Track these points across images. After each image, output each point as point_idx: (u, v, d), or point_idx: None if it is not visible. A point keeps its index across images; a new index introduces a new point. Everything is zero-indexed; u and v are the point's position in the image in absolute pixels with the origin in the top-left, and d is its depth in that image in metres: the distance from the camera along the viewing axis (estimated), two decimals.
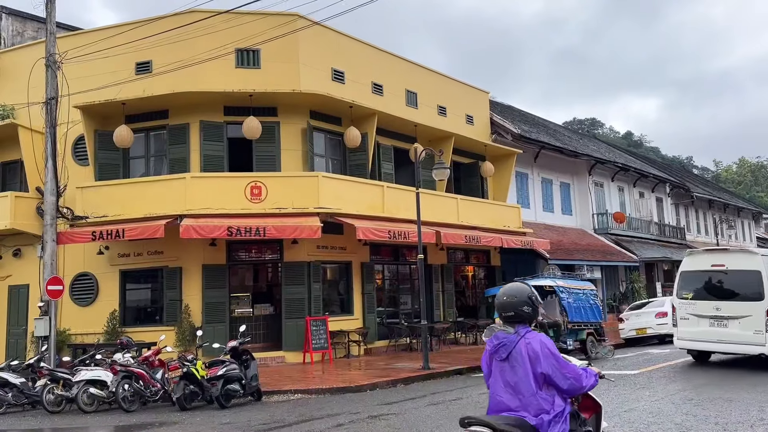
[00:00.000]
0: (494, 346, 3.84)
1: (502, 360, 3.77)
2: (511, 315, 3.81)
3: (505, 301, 3.84)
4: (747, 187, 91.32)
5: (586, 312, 15.87)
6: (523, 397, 3.62)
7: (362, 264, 18.44)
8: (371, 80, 19.60)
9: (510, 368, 3.71)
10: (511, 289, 3.90)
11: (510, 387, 3.70)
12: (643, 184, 35.68)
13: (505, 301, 3.83)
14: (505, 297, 3.85)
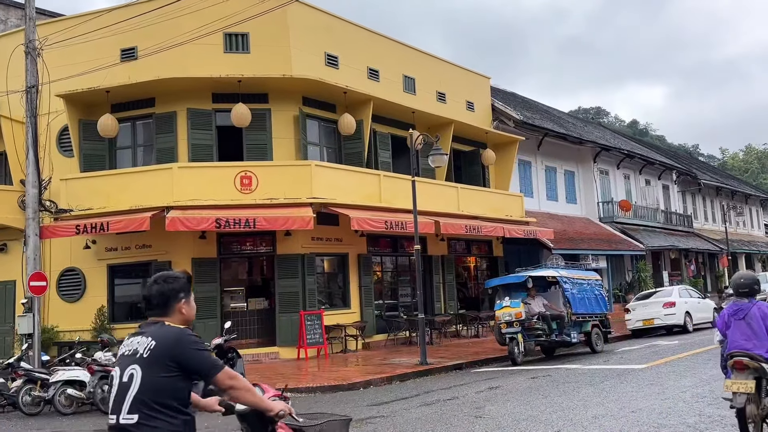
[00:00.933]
0: (734, 310, 5.56)
1: (740, 319, 5.47)
2: (746, 291, 5.59)
3: (741, 282, 5.65)
4: (754, 175, 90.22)
5: (591, 303, 15.22)
6: (757, 341, 5.33)
7: (359, 256, 17.84)
8: (367, 65, 18.91)
9: (746, 324, 5.41)
10: (745, 275, 5.85)
11: (746, 336, 5.37)
12: (649, 172, 34.90)
13: (742, 282, 5.64)
14: (742, 279, 5.69)
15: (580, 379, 10.17)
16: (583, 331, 14.97)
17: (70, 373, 10.61)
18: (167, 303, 2.92)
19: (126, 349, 2.86)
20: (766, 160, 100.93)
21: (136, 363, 2.75)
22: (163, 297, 2.92)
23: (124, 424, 2.68)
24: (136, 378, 2.72)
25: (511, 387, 9.73)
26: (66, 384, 10.42)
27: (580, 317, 14.72)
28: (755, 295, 5.67)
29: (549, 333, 13.98)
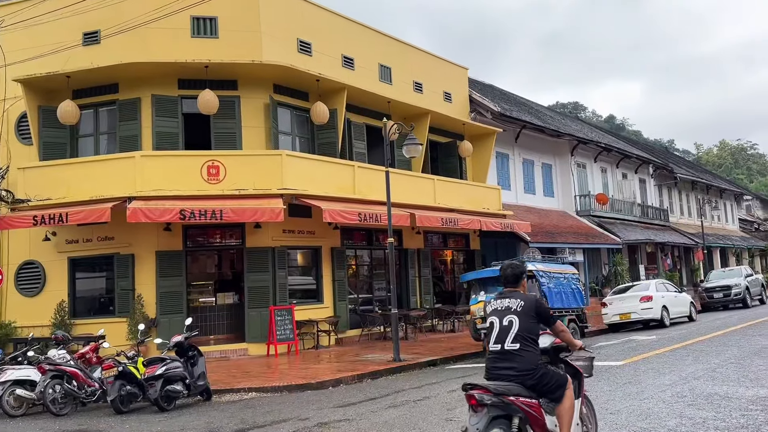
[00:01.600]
0: None
1: None
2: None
3: None
4: (727, 170, 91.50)
5: (568, 297, 14.93)
6: None
7: (333, 249, 17.35)
8: (341, 53, 18.37)
9: None
10: None
11: None
12: (626, 165, 34.89)
13: None
14: None
15: None
16: None
17: (20, 372, 9.98)
18: (518, 280, 4.84)
19: (497, 306, 4.70)
20: (739, 155, 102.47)
21: (512, 314, 4.56)
22: (516, 276, 4.84)
23: (509, 350, 4.48)
24: (514, 323, 4.52)
25: None
26: (15, 384, 9.80)
27: (556, 312, 14.39)
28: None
29: None
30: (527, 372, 4.42)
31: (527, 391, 4.39)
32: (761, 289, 27.64)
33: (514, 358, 4.46)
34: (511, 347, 4.47)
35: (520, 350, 4.46)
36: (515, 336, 4.47)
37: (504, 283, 4.88)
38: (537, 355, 4.56)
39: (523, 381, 4.40)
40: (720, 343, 13.04)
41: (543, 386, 4.47)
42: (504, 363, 4.49)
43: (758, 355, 10.75)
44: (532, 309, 4.60)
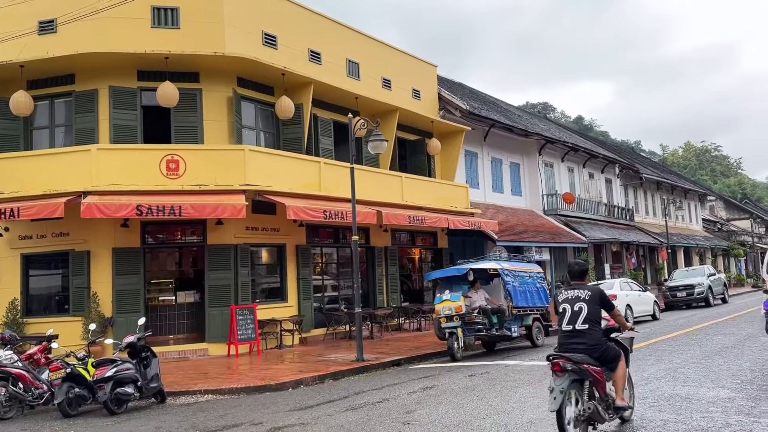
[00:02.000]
0: None
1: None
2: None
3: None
4: (692, 171, 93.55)
5: (532, 296, 14.91)
6: None
7: (298, 247, 17.04)
8: (308, 47, 18.04)
9: None
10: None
11: None
12: (592, 165, 35.25)
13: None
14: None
15: (519, 377, 9.74)
16: (524, 324, 14.65)
17: None
18: (583, 275, 6.19)
19: (568, 296, 5.93)
20: (703, 157, 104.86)
21: (582, 302, 5.79)
22: (582, 272, 6.19)
23: (580, 329, 5.72)
24: (583, 309, 5.75)
25: (447, 387, 9.19)
26: None
27: (521, 311, 14.38)
28: None
29: (489, 327, 13.58)
30: (594, 346, 5.75)
31: (594, 361, 5.70)
32: (723, 288, 28.19)
33: (584, 335, 5.78)
34: (582, 327, 5.81)
35: (588, 330, 5.79)
36: (585, 319, 5.81)
37: (571, 278, 6.33)
38: (601, 334, 5.93)
39: (590, 353, 5.70)
40: (682, 343, 13.14)
41: (605, 357, 5.80)
42: (575, 339, 5.79)
43: (719, 354, 10.83)
44: (597, 298, 5.92)
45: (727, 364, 9.79)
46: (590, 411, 5.61)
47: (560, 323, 5.96)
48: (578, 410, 5.56)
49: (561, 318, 5.97)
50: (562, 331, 5.94)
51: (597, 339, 5.79)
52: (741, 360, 10.14)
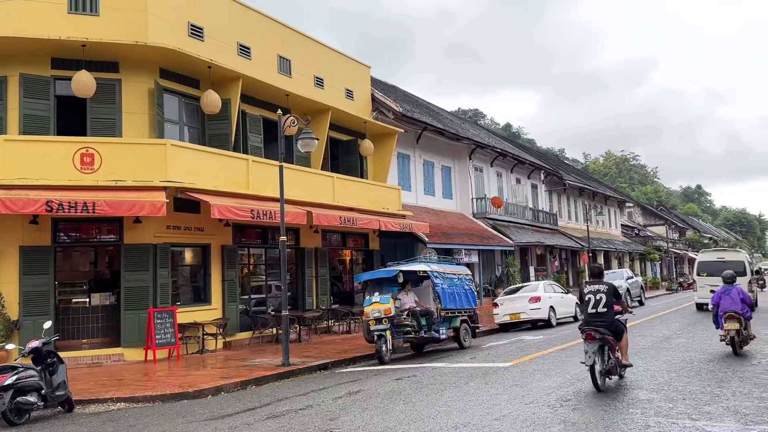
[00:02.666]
0: (723, 290, 10.84)
1: (727, 295, 10.72)
2: (731, 281, 10.93)
3: (728, 276, 10.99)
4: (612, 178, 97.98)
5: (461, 298, 14.98)
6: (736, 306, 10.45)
7: (223, 247, 16.43)
8: (237, 41, 17.47)
9: (730, 298, 10.61)
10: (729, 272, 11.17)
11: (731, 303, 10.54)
12: (519, 171, 36.14)
13: (728, 276, 10.99)
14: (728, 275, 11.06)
15: (446, 380, 9.67)
16: (452, 326, 14.69)
17: None
18: (601, 274, 8.96)
19: (591, 289, 8.55)
20: (622, 165, 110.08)
21: (602, 293, 8.40)
22: (600, 273, 9.01)
23: (600, 312, 8.35)
24: (603, 298, 8.37)
25: (373, 391, 8.99)
26: None
27: (449, 312, 14.41)
28: (735, 282, 11.15)
29: (418, 329, 13.51)
30: (610, 323, 8.41)
31: (610, 333, 8.26)
32: (641, 291, 29.48)
33: (604, 316, 8.44)
34: (602, 310, 8.48)
35: (607, 312, 8.48)
36: (604, 304, 8.48)
37: (591, 276, 9.16)
38: (614, 315, 8.60)
39: (608, 327, 8.29)
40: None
41: (616, 331, 8.44)
42: (598, 319, 8.42)
43: (638, 356, 11.15)
44: (612, 291, 8.60)
45: (645, 365, 10.09)
46: (612, 365, 8.26)
47: (586, 308, 8.64)
48: (605, 364, 8.15)
49: (587, 304, 8.61)
50: (588, 313, 8.59)
51: (612, 318, 8.48)
52: (658, 361, 10.49)
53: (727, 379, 8.46)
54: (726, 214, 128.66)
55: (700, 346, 12.18)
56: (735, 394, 7.42)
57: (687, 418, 6.34)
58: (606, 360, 8.13)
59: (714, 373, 8.95)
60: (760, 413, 6.39)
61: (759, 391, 7.48)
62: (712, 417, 6.33)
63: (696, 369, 9.48)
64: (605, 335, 8.16)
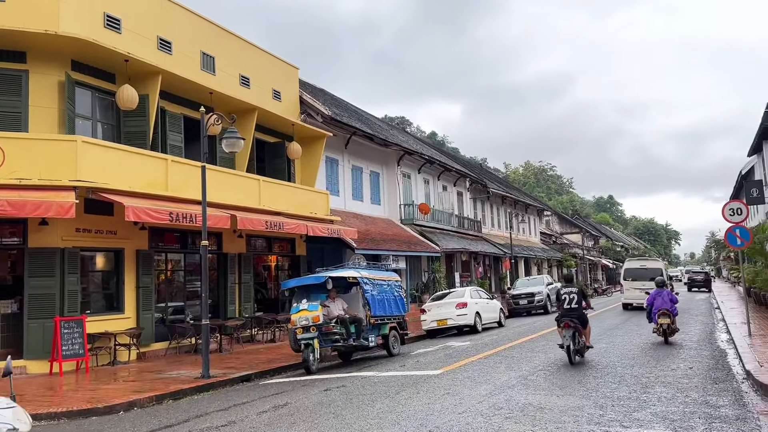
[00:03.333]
0: (657, 292, 13.83)
1: (659, 296, 13.66)
2: (662, 284, 14.14)
3: (659, 280, 14.39)
4: (531, 188, 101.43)
5: (390, 305, 14.77)
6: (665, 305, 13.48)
7: (138, 252, 15.48)
8: (157, 35, 16.59)
9: (662, 298, 13.55)
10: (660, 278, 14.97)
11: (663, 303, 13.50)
12: (446, 178, 36.56)
13: (660, 280, 14.38)
14: (659, 279, 14.77)
15: (376, 389, 9.38)
16: (381, 333, 14.45)
17: None
18: (572, 280, 13.61)
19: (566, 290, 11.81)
20: (540, 175, 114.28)
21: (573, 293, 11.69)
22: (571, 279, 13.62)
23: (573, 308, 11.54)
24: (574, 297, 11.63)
25: (300, 404, 8.57)
26: None
27: (379, 319, 14.16)
28: (665, 286, 14.05)
29: (347, 337, 13.16)
30: (580, 315, 11.22)
31: (579, 323, 11.03)
32: None
33: (575, 311, 11.32)
34: (574, 306, 11.40)
35: (577, 308, 11.36)
36: (575, 302, 11.43)
37: (566, 281, 12.64)
38: (581, 310, 11.41)
39: (578, 318, 11.12)
40: (528, 349, 13.66)
41: (583, 321, 11.19)
42: (571, 312, 11.27)
43: (563, 361, 11.29)
44: (580, 292, 11.61)
45: (571, 371, 10.20)
46: (581, 345, 11.19)
47: (562, 304, 11.64)
48: (576, 345, 11.04)
49: (563, 302, 11.63)
50: (563, 308, 11.55)
51: (580, 312, 11.40)
52: (583, 366, 10.64)
53: (651, 384, 8.64)
54: (636, 223, 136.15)
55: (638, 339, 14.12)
56: (660, 399, 7.55)
57: (618, 425, 6.35)
58: (576, 342, 11.04)
59: (638, 378, 9.14)
60: (686, 418, 6.49)
61: (682, 396, 7.65)
62: (642, 424, 6.37)
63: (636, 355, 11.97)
64: (576, 324, 11.10)
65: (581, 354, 11.28)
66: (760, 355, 10.15)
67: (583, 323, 11.24)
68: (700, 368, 9.85)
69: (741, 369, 9.54)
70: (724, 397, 7.47)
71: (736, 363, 10.27)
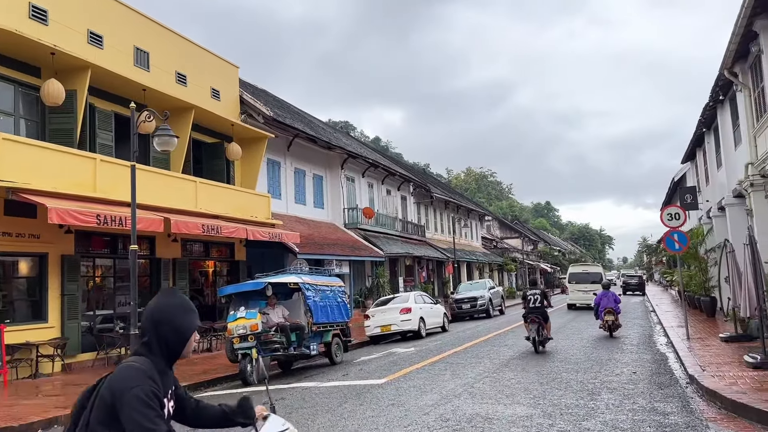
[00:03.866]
0: (603, 293, 16.44)
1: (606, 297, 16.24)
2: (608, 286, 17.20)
3: (605, 283, 17.73)
4: (472, 193, 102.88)
5: (333, 311, 14.33)
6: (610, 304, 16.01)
7: (64, 257, 14.50)
8: (87, 28, 15.64)
9: (607, 298, 16.18)
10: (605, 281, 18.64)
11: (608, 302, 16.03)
12: (390, 182, 36.41)
13: (606, 283, 17.70)
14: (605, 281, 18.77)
15: (317, 402, 8.95)
16: (323, 341, 14.00)
17: None
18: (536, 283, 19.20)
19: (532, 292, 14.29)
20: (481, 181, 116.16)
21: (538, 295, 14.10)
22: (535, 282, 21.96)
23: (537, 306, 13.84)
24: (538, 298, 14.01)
25: None
26: None
27: (321, 327, 13.70)
28: (609, 287, 16.94)
29: (287, 346, 12.64)
30: (542, 313, 13.51)
31: (542, 318, 13.38)
32: (501, 300, 30.67)
33: (539, 309, 13.60)
34: (538, 305, 13.70)
35: (540, 306, 13.66)
36: (539, 302, 13.70)
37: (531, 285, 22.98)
38: (544, 307, 13.71)
39: (541, 315, 13.46)
40: (473, 355, 13.51)
41: (545, 317, 13.52)
42: (536, 310, 13.56)
43: (507, 367, 11.18)
44: (542, 293, 14.06)
45: (517, 377, 10.07)
46: (544, 337, 13.29)
47: (528, 304, 13.81)
48: (540, 337, 13.15)
49: (529, 302, 13.82)
50: (529, 307, 13.70)
51: (543, 310, 13.44)
52: (528, 372, 10.54)
53: (597, 390, 8.58)
54: (571, 228, 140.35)
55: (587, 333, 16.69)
56: (609, 407, 7.45)
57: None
58: (540, 334, 13.26)
59: (584, 384, 9.07)
60: (637, 427, 6.38)
61: (630, 403, 7.58)
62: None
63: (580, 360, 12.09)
64: (540, 320, 13.34)
65: (543, 344, 13.47)
66: (700, 358, 10.31)
67: (545, 319, 13.57)
68: (644, 373, 9.90)
69: (683, 373, 9.64)
70: (671, 404, 7.45)
71: (678, 367, 10.40)
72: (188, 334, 2.56)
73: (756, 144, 13.88)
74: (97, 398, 2.40)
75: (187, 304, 2.62)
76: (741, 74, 14.34)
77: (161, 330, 2.48)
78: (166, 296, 2.61)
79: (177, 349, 2.54)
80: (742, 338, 12.64)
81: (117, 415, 2.27)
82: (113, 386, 2.32)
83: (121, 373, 2.36)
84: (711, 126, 20.27)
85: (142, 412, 2.22)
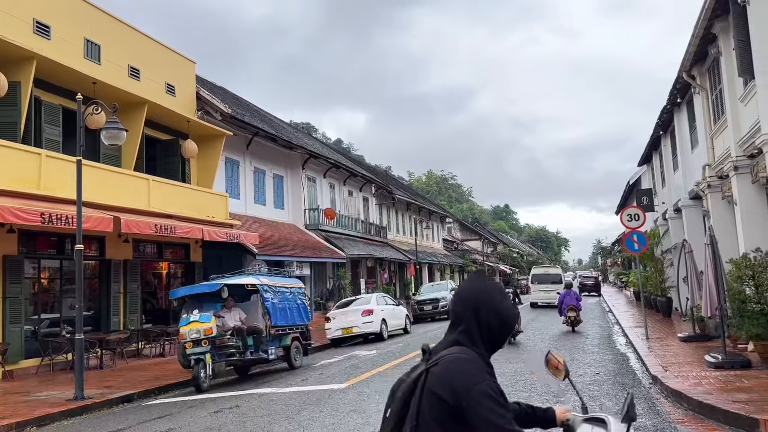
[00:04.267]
0: (566, 292, 18.55)
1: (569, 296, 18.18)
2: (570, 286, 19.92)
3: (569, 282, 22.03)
4: (433, 196, 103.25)
5: (293, 314, 13.90)
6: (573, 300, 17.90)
7: (6, 258, 13.70)
8: (33, 17, 14.85)
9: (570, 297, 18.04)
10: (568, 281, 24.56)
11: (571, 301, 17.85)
12: (352, 183, 36.04)
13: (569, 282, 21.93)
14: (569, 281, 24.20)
15: (274, 409, 8.53)
16: (282, 345, 13.55)
17: None
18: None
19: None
20: (442, 184, 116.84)
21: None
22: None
23: None
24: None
25: (186, 429, 7.58)
26: None
27: (280, 330, 13.26)
28: (571, 287, 19.30)
29: (243, 350, 12.15)
30: None
31: None
32: None
33: None
34: None
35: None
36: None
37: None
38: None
39: None
40: None
41: None
42: None
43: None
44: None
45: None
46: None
47: None
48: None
49: None
50: None
51: None
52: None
53: (562, 392, 8.41)
54: (529, 230, 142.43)
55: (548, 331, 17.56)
56: (576, 409, 7.27)
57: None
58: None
59: (548, 387, 8.90)
60: None
61: (596, 406, 7.43)
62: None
63: None
64: None
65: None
66: (661, 358, 10.30)
67: None
68: (607, 373, 9.82)
69: (646, 373, 9.58)
70: (637, 405, 7.31)
71: (639, 367, 10.36)
72: (513, 321, 2.18)
73: (713, 146, 14.06)
74: (424, 396, 2.01)
75: (502, 289, 2.24)
76: (699, 77, 14.53)
77: (483, 317, 2.12)
78: (482, 279, 2.25)
79: (501, 339, 2.16)
80: (701, 338, 12.76)
81: (460, 415, 1.93)
82: (454, 384, 1.96)
83: (454, 366, 2.01)
84: (668, 129, 20.60)
85: (497, 411, 1.89)
